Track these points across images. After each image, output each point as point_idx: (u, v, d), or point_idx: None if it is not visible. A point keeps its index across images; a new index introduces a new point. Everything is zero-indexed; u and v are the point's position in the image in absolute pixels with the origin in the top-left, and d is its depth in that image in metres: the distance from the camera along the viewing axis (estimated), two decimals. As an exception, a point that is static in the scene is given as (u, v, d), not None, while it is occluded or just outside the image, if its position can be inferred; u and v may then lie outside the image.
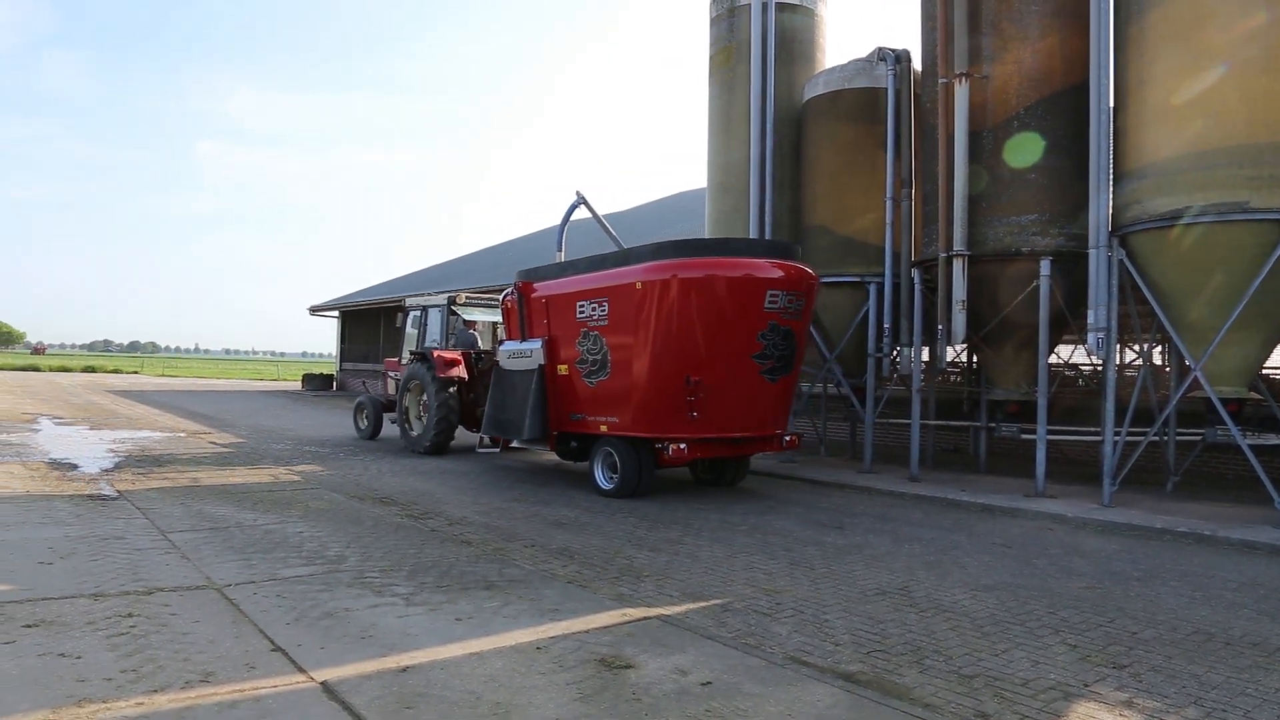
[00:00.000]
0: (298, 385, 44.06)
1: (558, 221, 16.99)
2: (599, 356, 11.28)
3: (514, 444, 13.45)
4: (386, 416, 17.98)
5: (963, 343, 12.81)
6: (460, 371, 15.48)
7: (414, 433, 15.98)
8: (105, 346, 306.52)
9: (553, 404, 12.08)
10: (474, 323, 16.99)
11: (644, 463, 10.89)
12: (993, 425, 12.79)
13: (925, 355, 13.83)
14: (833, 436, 17.80)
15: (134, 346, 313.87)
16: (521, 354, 12.53)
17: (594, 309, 11.31)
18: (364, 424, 18.34)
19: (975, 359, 14.56)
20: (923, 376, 13.30)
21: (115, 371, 62.05)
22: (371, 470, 12.83)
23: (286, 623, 5.27)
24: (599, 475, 11.30)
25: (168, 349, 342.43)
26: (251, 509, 9.20)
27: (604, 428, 11.27)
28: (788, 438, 11.53)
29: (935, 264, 12.27)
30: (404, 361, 17.32)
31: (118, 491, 10.01)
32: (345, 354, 40.42)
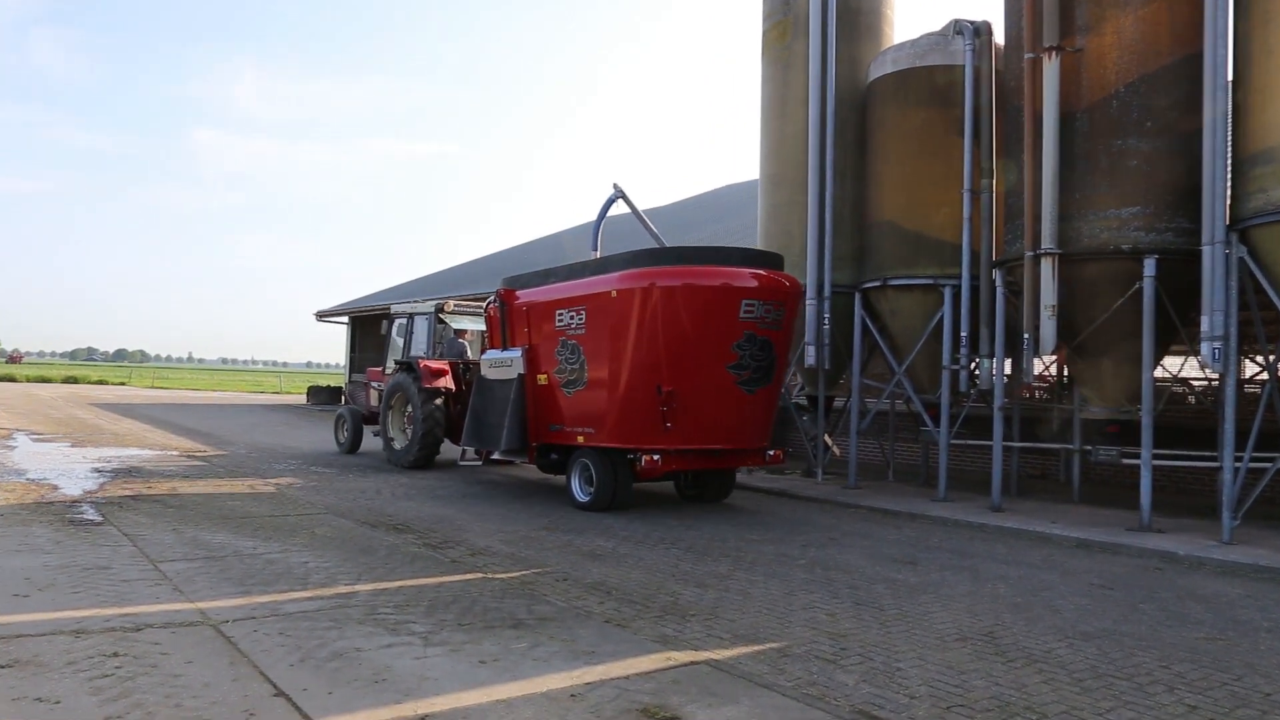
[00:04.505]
0: (302, 398, 44.55)
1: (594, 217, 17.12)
2: (576, 366, 12.24)
3: (494, 455, 14.13)
4: (368, 429, 18.63)
5: (1052, 354, 12.61)
6: (447, 382, 16.13)
7: (397, 446, 16.70)
8: (89, 355, 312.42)
9: (532, 415, 13.03)
10: (464, 331, 17.52)
11: (620, 475, 11.78)
12: (1088, 448, 12.56)
13: (1008, 368, 13.64)
14: (902, 459, 17.62)
15: (120, 355, 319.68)
16: (502, 363, 13.54)
17: (572, 317, 12.30)
18: (344, 437, 19.00)
19: (1067, 372, 14.33)
20: (1005, 392, 13.10)
21: (100, 383, 63.12)
22: (384, 493, 12.94)
23: (290, 664, 5.28)
24: (576, 487, 12.21)
25: (158, 358, 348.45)
26: (251, 536, 9.26)
27: (581, 439, 12.17)
28: (771, 452, 12.40)
29: (1020, 264, 12.10)
30: (388, 371, 17.94)
31: (102, 516, 10.12)
32: (355, 364, 40.78)
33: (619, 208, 16.85)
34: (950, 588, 8.04)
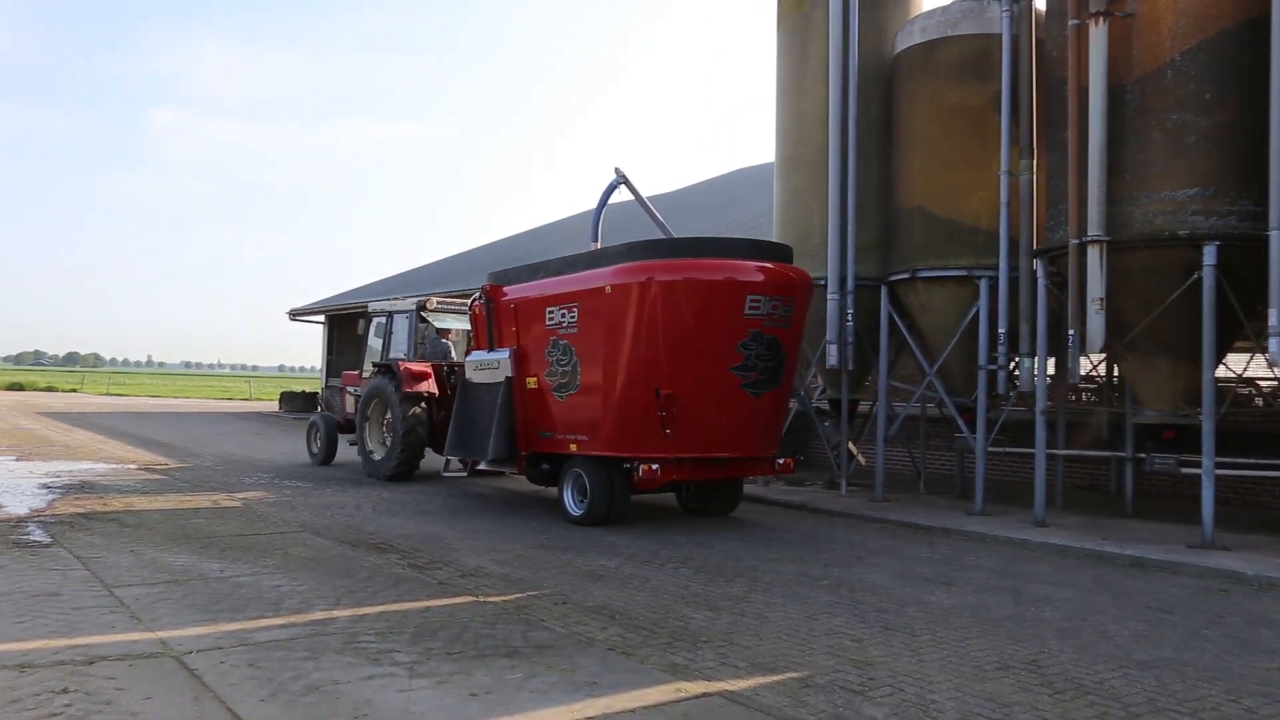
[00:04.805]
0: (274, 405, 44.69)
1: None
2: (569, 368, 12.37)
3: (480, 466, 14.26)
4: (344, 438, 18.83)
5: (1101, 352, 12.55)
6: (430, 386, 16.28)
7: (375, 456, 16.87)
8: (36, 359, 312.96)
9: (521, 421, 13.18)
10: (448, 331, 17.64)
11: (615, 486, 11.88)
12: (1142, 456, 12.54)
13: (1051, 367, 13.61)
14: (934, 469, 17.59)
15: (71, 359, 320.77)
16: (489, 365, 13.70)
17: (563, 315, 12.42)
18: (316, 447, 19.22)
19: (1117, 372, 14.29)
20: (1049, 394, 13.06)
21: (49, 389, 63.41)
22: (364, 509, 12.98)
23: (261, 699, 5.27)
24: (568, 500, 12.38)
25: (113, 362, 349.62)
26: (217, 558, 9.28)
27: (574, 447, 12.33)
28: (780, 461, 12.66)
29: (1064, 253, 12.08)
30: (365, 375, 18.10)
31: (51, 536, 10.14)
32: (333, 367, 40.81)
33: (622, 194, 16.85)
34: (990, 611, 8.01)
